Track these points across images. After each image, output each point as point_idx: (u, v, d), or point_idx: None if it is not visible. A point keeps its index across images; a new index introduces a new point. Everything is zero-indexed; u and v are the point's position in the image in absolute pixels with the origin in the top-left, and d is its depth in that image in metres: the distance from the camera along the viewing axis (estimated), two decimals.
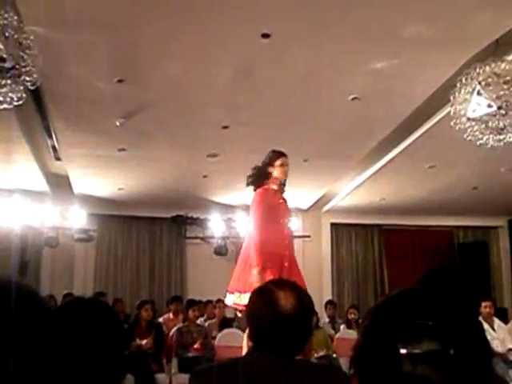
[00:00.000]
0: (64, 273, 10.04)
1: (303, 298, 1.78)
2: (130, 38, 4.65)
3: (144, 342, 6.62)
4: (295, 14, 4.28)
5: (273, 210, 4.44)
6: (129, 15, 4.30)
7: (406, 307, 0.89)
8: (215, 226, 10.35)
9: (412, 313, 0.88)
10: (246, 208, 10.12)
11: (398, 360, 0.83)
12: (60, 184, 8.83)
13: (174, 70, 5.21)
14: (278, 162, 4.47)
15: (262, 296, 1.79)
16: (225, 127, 6.36)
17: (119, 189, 9.22)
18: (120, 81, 5.28)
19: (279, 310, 1.73)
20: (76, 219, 9.65)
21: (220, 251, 10.48)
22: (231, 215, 10.35)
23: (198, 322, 7.72)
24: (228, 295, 4.51)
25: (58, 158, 7.69)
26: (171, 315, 8.21)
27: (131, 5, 4.18)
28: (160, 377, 6.46)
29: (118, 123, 6.16)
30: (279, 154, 4.50)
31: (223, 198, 9.83)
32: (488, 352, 0.89)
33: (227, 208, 10.18)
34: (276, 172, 4.48)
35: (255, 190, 4.53)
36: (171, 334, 7.15)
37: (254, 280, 4.05)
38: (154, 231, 10.86)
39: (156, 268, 10.75)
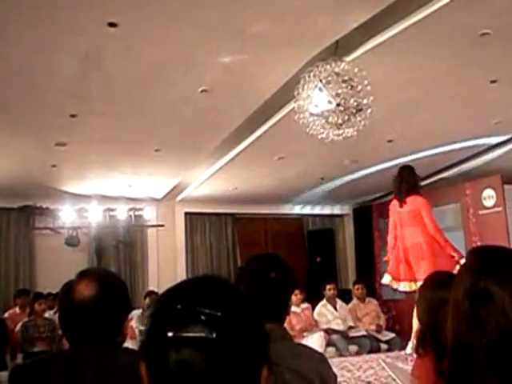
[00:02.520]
0: None
1: (107, 286, 1.77)
2: None
3: None
4: (142, 5, 4.27)
5: None
6: None
7: (182, 294, 0.95)
8: (66, 216, 10.03)
9: (186, 299, 0.92)
10: (100, 198, 9.99)
11: (167, 345, 0.87)
12: None
13: (16, 55, 4.95)
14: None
15: (63, 289, 1.79)
16: (73, 116, 6.18)
17: None
18: None
19: (73, 301, 1.73)
20: None
21: (71, 242, 10.18)
22: (83, 205, 10.10)
23: (47, 315, 7.48)
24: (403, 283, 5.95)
25: None
26: (17, 310, 7.89)
27: None
28: (2, 374, 6.18)
29: None
30: None
31: (74, 188, 9.55)
32: (259, 336, 0.94)
33: (79, 198, 9.91)
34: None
35: (412, 195, 5.96)
36: (16, 329, 6.88)
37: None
38: None
39: (2, 261, 10.18)
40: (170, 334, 0.88)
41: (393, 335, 8.80)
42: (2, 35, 4.62)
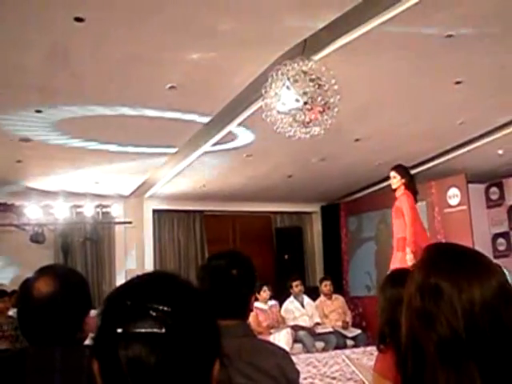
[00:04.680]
0: None
1: (66, 283, 1.76)
2: None
3: None
4: (110, 0, 4.24)
5: None
6: None
7: (132, 290, 0.95)
8: (31, 212, 9.88)
9: (135, 295, 0.93)
10: (67, 194, 9.87)
11: (116, 341, 0.87)
12: None
13: None
14: None
15: (21, 287, 1.78)
16: (38, 111, 6.10)
17: None
18: None
19: (32, 299, 1.71)
20: None
21: (37, 239, 10.03)
22: (49, 201, 9.96)
23: (11, 313, 7.37)
24: None
25: None
26: None
27: None
28: None
29: None
30: None
31: (40, 184, 9.42)
32: (210, 331, 0.95)
33: (45, 194, 9.78)
34: None
35: None
36: None
37: None
38: None
39: None
40: (119, 331, 0.88)
41: (359, 331, 8.91)
42: None
